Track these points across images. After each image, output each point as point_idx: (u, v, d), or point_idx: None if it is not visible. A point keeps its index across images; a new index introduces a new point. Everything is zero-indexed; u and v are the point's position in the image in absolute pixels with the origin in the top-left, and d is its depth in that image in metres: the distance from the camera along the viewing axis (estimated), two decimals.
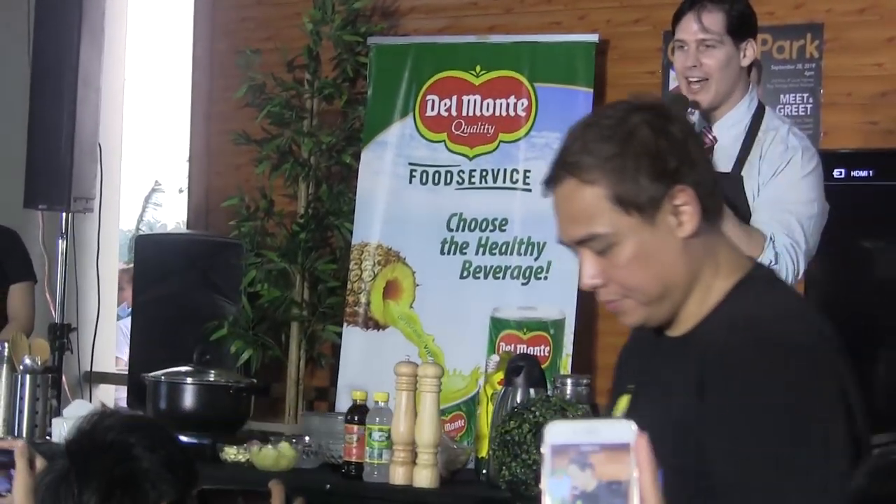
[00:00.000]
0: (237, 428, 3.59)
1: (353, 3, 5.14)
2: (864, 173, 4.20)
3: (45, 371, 3.69)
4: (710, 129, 3.09)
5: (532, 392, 3.08)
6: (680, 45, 3.08)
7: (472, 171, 4.90)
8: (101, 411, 1.92)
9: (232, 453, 3.35)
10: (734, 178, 3.02)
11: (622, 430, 1.17)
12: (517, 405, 3.03)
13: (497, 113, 4.90)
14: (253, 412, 3.65)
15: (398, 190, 4.98)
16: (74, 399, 4.90)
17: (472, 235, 4.85)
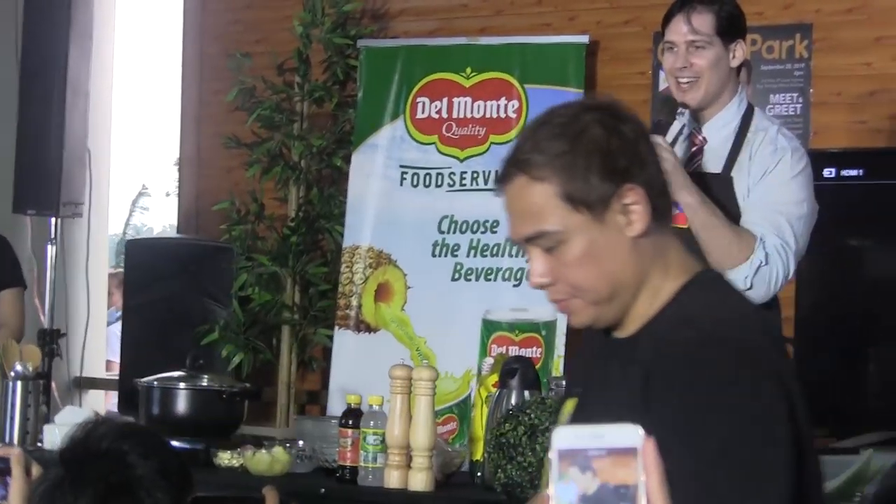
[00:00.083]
0: (230, 433, 3.58)
1: (342, 6, 5.14)
2: (854, 172, 4.21)
3: (36, 377, 3.67)
4: (699, 130, 3.10)
5: (527, 394, 3.08)
6: (669, 47, 3.09)
7: (462, 173, 4.89)
8: (95, 419, 1.91)
9: (226, 458, 3.34)
10: (724, 179, 3.02)
11: (629, 435, 1.16)
12: (512, 407, 3.03)
13: (488, 115, 4.89)
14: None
15: (389, 192, 4.97)
16: (64, 405, 4.89)
17: (464, 237, 4.85)
